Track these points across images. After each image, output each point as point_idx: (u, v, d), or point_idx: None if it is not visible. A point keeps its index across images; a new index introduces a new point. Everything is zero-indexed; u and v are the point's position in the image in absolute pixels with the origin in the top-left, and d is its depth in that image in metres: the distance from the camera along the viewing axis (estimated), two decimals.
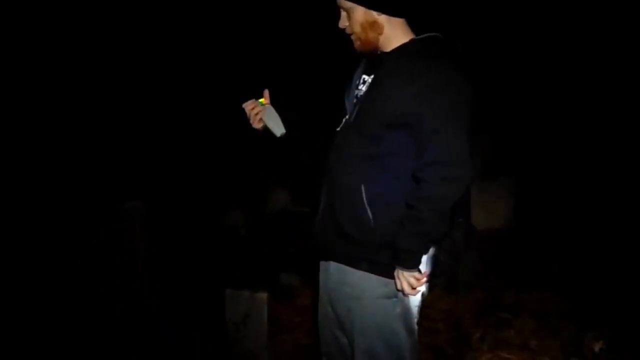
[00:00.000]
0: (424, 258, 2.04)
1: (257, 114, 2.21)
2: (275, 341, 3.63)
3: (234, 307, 3.49)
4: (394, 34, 2.02)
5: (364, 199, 1.99)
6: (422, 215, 1.90)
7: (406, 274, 1.97)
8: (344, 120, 2.14)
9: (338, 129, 2.15)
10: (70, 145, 5.58)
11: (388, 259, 1.99)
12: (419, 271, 2.00)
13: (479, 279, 4.64)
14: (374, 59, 2.08)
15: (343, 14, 2.06)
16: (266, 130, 2.22)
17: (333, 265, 2.14)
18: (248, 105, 2.23)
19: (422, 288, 2.05)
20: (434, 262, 2.13)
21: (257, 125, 2.23)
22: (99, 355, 3.25)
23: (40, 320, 3.54)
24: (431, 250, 2.09)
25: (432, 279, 2.12)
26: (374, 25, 2.01)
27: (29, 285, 3.87)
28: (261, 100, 2.22)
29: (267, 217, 5.93)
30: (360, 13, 2.01)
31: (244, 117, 2.24)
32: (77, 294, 3.79)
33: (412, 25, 2.07)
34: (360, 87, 2.11)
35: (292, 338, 3.78)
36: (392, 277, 2.02)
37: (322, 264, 2.22)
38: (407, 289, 1.99)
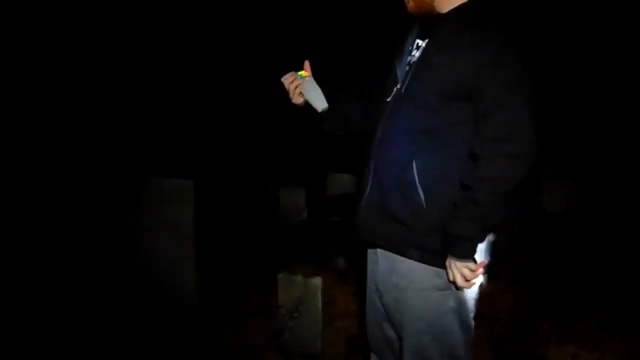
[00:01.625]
0: (481, 246, 1.80)
1: (296, 87, 2.03)
2: (330, 329, 3.49)
3: (287, 293, 3.37)
4: None
5: (415, 176, 1.77)
6: (480, 198, 1.68)
7: (459, 264, 1.75)
8: (394, 89, 1.90)
9: (388, 98, 1.91)
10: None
11: (441, 246, 1.78)
12: (474, 261, 1.76)
13: (545, 269, 4.41)
14: (429, 21, 1.86)
15: None
16: (307, 105, 2.04)
17: (380, 253, 1.94)
18: (287, 79, 2.05)
19: (479, 280, 1.81)
20: (493, 250, 1.90)
21: (297, 100, 2.05)
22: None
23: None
24: (489, 237, 1.86)
25: (491, 268, 1.91)
26: None
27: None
28: (301, 72, 2.03)
29: (327, 200, 5.80)
30: None
31: (283, 92, 2.06)
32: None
33: None
34: (413, 53, 1.88)
35: (347, 326, 3.61)
36: (445, 267, 1.80)
37: (369, 251, 2.03)
38: (460, 281, 1.77)
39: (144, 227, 3.81)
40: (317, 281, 3.30)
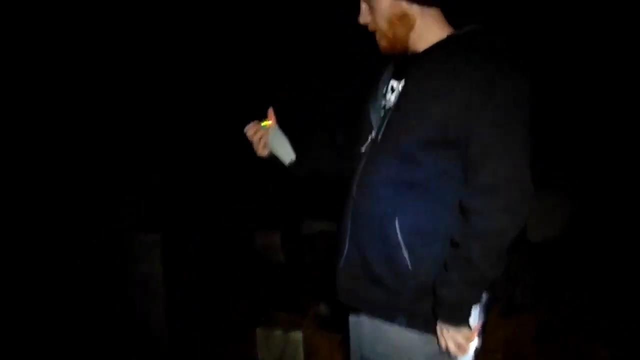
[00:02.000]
0: (475, 309, 1.63)
1: (260, 138, 1.87)
2: None
3: (266, 348, 3.19)
4: (428, 28, 1.63)
5: (399, 235, 1.59)
6: (473, 256, 1.50)
7: (452, 330, 1.57)
8: (369, 138, 1.71)
9: (362, 148, 1.73)
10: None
11: (431, 310, 1.60)
12: (469, 326, 1.58)
13: (539, 298, 4.22)
14: (404, 61, 1.68)
15: (363, 6, 1.68)
16: (274, 156, 1.87)
17: (364, 318, 1.75)
18: (250, 130, 1.88)
19: (474, 344, 1.62)
20: (489, 307, 1.71)
21: (262, 152, 1.89)
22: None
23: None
24: (484, 296, 1.67)
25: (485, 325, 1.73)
26: (403, 18, 1.62)
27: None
28: (265, 122, 1.87)
29: (305, 241, 5.63)
30: (386, 4, 1.62)
31: (248, 144, 1.90)
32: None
33: (449, 16, 1.67)
34: (388, 97, 1.70)
35: None
36: (436, 332, 1.61)
37: (351, 315, 1.84)
38: (453, 349, 1.58)
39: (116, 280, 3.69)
40: (298, 335, 3.14)
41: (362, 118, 1.77)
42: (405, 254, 1.59)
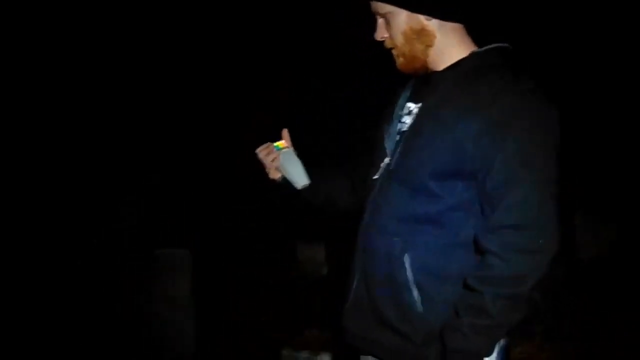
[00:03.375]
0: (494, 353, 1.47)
1: (273, 160, 1.75)
2: None
3: None
4: (448, 45, 1.49)
5: (408, 273, 1.47)
6: (488, 303, 1.35)
7: None
8: (383, 164, 1.58)
9: (376, 176, 1.59)
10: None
11: (440, 356, 1.46)
12: None
13: (584, 322, 3.99)
14: (422, 80, 1.55)
15: (380, 21, 1.53)
16: (286, 180, 1.77)
17: None
18: (262, 151, 1.76)
19: None
20: (506, 355, 1.54)
21: (273, 175, 1.77)
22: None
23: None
24: (502, 341, 1.50)
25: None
26: (421, 33, 1.48)
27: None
28: (278, 143, 1.76)
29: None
30: (403, 19, 1.48)
31: (259, 166, 1.80)
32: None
33: (472, 32, 1.53)
34: (404, 120, 1.57)
35: None
36: None
37: (362, 357, 1.70)
38: None
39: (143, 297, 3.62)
40: (325, 359, 3.05)
41: (377, 143, 1.64)
42: (415, 294, 1.47)
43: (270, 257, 5.36)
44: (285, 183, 1.77)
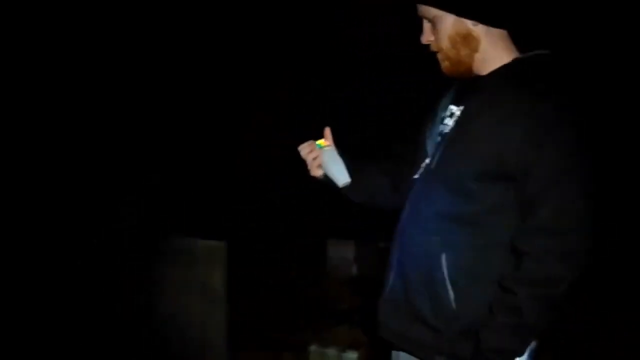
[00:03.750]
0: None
1: (315, 158, 1.78)
2: None
3: None
4: (493, 50, 1.53)
5: (445, 271, 1.51)
6: (521, 303, 1.40)
7: None
8: (423, 164, 1.63)
9: (416, 175, 1.64)
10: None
11: (472, 354, 1.50)
12: None
13: (585, 322, 3.93)
14: (466, 84, 1.59)
15: (426, 25, 1.57)
16: (327, 178, 1.79)
17: (403, 357, 1.67)
18: (304, 149, 1.79)
19: None
20: (536, 354, 1.58)
21: (315, 173, 1.79)
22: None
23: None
24: (533, 343, 1.55)
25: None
26: (467, 38, 1.52)
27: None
28: (319, 142, 1.79)
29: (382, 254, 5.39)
30: (450, 23, 1.52)
31: (301, 163, 1.82)
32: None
33: (516, 39, 1.57)
34: (446, 122, 1.61)
35: None
36: None
37: (393, 352, 1.75)
38: None
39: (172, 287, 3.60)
40: (352, 356, 3.04)
41: (419, 145, 1.69)
42: (451, 293, 1.51)
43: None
44: (327, 180, 1.80)
